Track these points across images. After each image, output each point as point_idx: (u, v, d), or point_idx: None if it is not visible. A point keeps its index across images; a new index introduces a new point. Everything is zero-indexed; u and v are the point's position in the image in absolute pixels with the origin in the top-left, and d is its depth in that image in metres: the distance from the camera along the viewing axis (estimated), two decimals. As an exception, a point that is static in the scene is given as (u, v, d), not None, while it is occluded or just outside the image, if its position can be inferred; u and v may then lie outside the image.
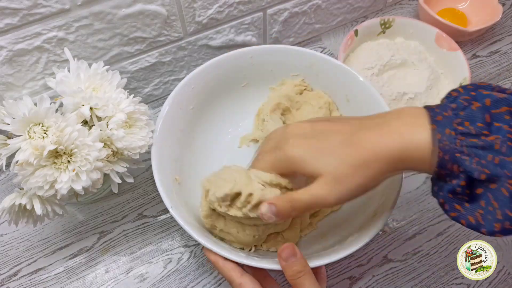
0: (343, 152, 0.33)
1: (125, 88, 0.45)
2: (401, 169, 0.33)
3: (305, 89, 0.56)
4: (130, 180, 0.46)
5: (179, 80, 0.62)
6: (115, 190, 0.45)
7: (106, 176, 0.44)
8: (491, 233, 0.28)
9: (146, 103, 0.58)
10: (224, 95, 0.55)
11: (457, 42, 0.61)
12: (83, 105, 0.40)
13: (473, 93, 0.31)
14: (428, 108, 0.32)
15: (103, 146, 0.40)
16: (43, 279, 0.49)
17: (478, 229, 0.29)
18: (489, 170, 0.27)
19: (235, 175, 0.38)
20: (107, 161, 0.42)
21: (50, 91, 0.50)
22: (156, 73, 0.59)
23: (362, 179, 0.33)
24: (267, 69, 0.55)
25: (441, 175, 0.31)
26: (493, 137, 0.28)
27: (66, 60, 0.49)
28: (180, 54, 0.58)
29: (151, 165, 0.42)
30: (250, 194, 0.36)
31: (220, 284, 0.49)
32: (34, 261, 0.50)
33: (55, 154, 0.38)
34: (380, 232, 0.52)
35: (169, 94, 0.63)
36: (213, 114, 0.55)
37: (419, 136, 0.30)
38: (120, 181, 0.44)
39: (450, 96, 0.32)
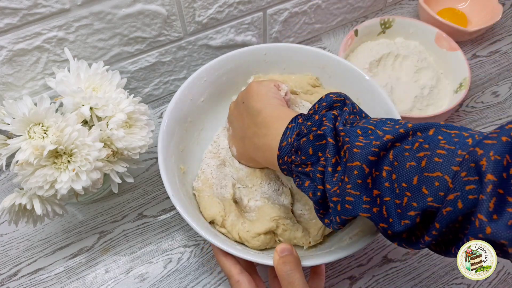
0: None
1: (125, 88, 0.45)
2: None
3: (317, 86, 0.55)
4: (130, 180, 0.46)
5: (179, 80, 0.62)
6: (115, 190, 0.45)
7: (106, 176, 0.44)
8: None
9: (146, 103, 0.58)
10: (236, 90, 0.55)
11: (457, 42, 0.61)
12: (83, 105, 0.40)
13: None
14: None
15: (103, 146, 0.40)
16: (43, 279, 0.49)
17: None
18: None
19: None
20: (107, 161, 0.42)
21: (50, 91, 0.50)
22: (156, 73, 0.59)
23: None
24: (280, 67, 0.55)
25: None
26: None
27: (66, 60, 0.49)
28: (180, 54, 0.58)
29: (151, 165, 0.42)
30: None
31: (220, 284, 0.49)
32: (34, 261, 0.50)
33: (55, 154, 0.38)
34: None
35: (169, 94, 0.63)
36: (223, 108, 0.55)
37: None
38: (120, 181, 0.44)
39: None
